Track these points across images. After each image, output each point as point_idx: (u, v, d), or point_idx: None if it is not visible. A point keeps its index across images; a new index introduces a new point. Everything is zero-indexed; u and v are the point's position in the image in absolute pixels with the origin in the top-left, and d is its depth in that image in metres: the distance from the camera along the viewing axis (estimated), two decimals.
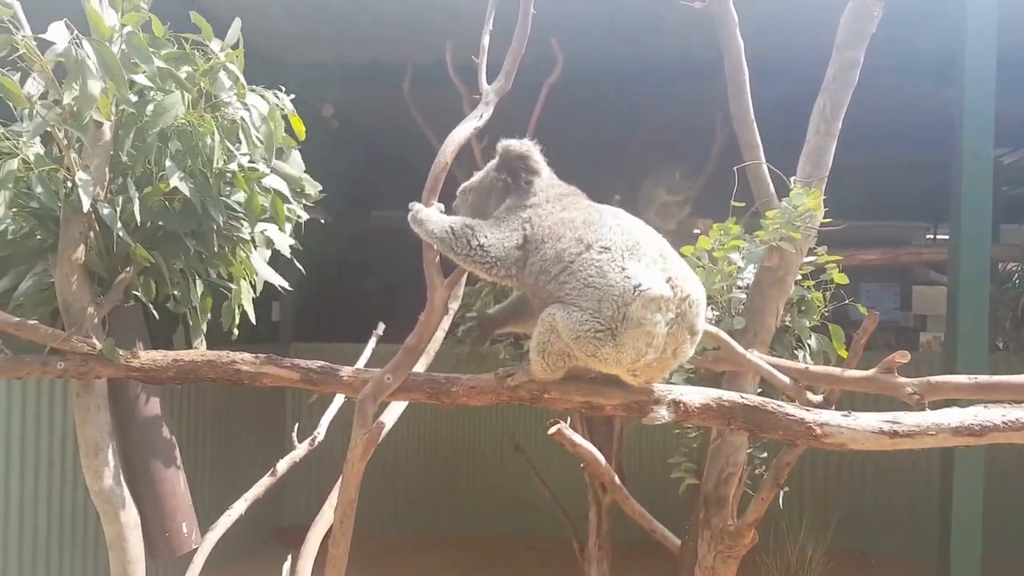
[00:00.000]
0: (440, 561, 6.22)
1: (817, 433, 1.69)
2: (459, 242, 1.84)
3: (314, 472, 4.69)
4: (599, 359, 1.71)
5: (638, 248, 1.76)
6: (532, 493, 5.19)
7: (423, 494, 6.55)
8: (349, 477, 1.87)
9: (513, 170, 1.94)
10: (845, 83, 2.52)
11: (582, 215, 1.83)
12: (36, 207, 2.07)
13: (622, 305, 1.68)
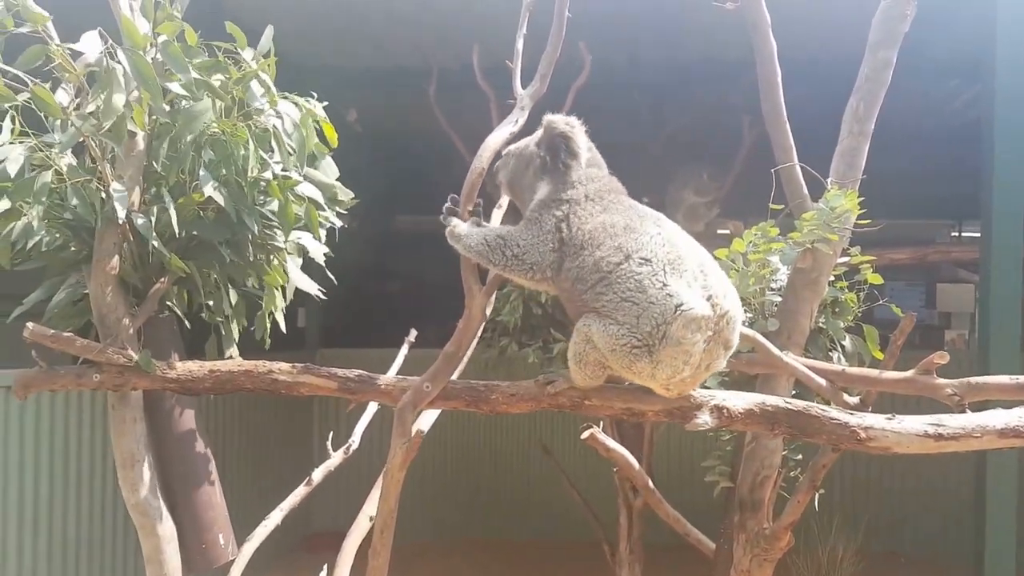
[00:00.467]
0: (468, 565, 6.21)
1: (862, 437, 1.66)
2: (495, 254, 1.81)
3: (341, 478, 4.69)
4: (633, 372, 1.69)
5: (680, 262, 1.73)
6: (560, 496, 5.17)
7: (450, 497, 6.54)
8: (389, 486, 1.86)
9: (553, 148, 1.90)
10: (878, 83, 2.49)
11: (623, 219, 1.79)
12: (70, 219, 2.07)
13: (662, 323, 1.65)
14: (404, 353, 2.88)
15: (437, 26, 3.96)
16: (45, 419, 3.92)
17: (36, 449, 3.87)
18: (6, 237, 1.95)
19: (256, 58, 2.04)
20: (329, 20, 3.94)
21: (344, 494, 4.73)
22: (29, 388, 2.01)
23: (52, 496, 3.98)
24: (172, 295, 2.11)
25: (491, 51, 4.08)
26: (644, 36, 3.91)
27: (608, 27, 3.63)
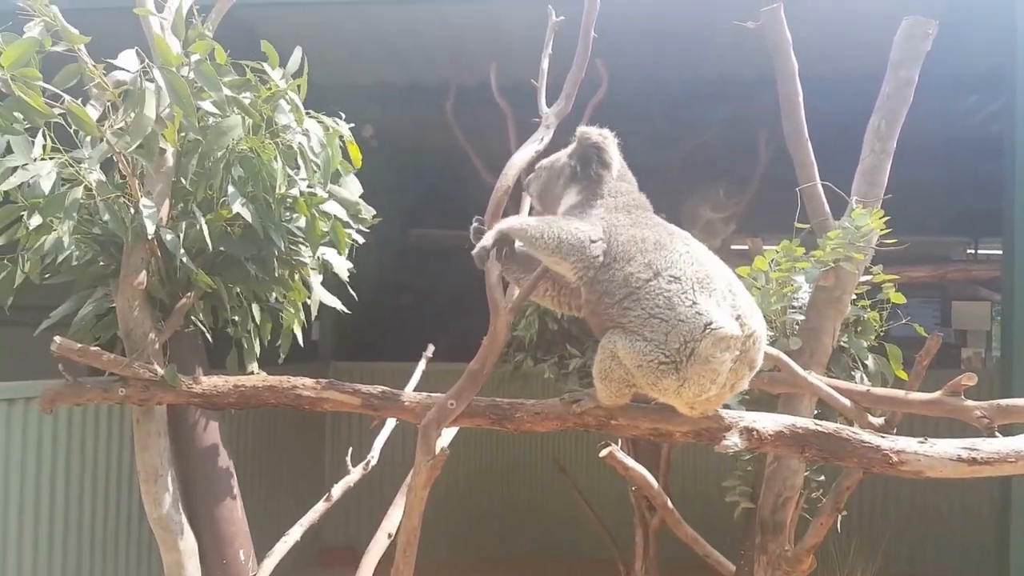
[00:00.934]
0: None
1: (893, 460, 1.65)
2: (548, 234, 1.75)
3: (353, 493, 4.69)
4: (659, 390, 1.68)
5: (709, 281, 1.72)
6: (574, 514, 5.14)
7: (464, 515, 6.51)
8: (412, 504, 1.85)
9: (586, 158, 1.89)
10: (900, 101, 2.49)
11: (653, 235, 1.78)
12: (99, 233, 2.09)
13: (690, 341, 1.64)
14: (422, 368, 2.88)
15: (455, 43, 3.99)
16: (65, 430, 3.94)
17: (61, 461, 3.88)
18: (37, 251, 1.97)
19: (285, 77, 2.06)
20: (348, 37, 3.98)
21: (356, 509, 4.73)
22: (55, 401, 2.02)
23: (74, 508, 3.99)
24: (198, 310, 2.12)
25: (508, 68, 4.11)
26: (660, 53, 3.92)
27: (625, 44, 3.65)
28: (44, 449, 3.80)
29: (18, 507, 3.63)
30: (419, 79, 4.51)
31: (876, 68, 2.56)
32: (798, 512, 2.78)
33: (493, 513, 6.59)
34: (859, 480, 2.71)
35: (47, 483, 3.83)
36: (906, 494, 6.34)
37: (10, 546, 3.59)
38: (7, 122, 1.70)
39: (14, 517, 3.62)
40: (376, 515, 3.72)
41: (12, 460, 3.59)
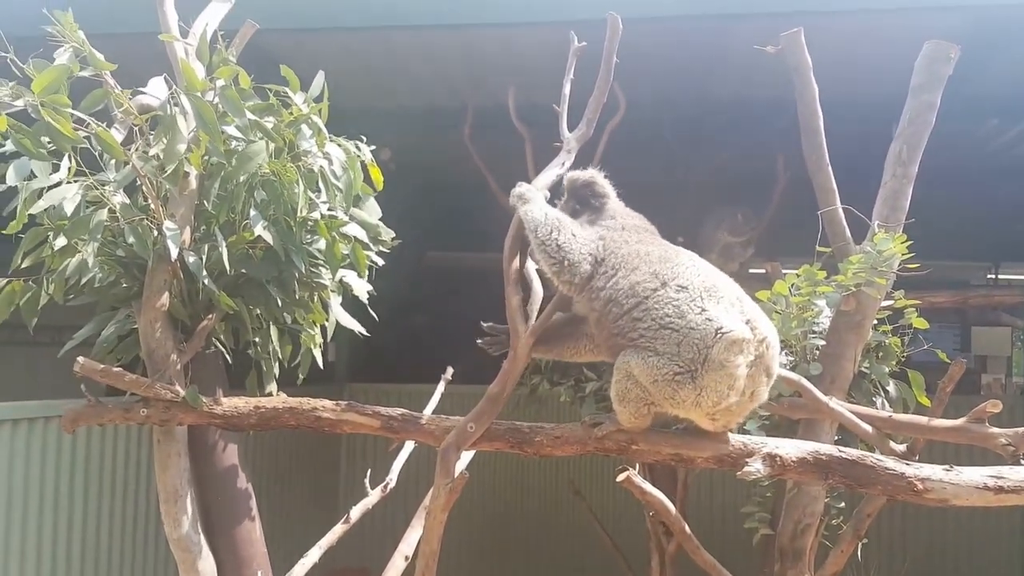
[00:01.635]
0: None
1: (919, 488, 1.62)
2: (544, 229, 1.80)
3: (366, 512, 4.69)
4: (677, 402, 1.67)
5: (716, 290, 1.73)
6: (589, 538, 5.09)
7: (476, 538, 6.47)
8: (431, 528, 1.84)
9: (582, 198, 1.95)
10: (922, 126, 2.49)
11: (658, 250, 1.82)
12: (122, 255, 2.11)
13: (703, 348, 1.64)
14: (441, 391, 2.88)
15: (473, 67, 4.03)
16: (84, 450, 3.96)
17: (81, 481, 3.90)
18: (61, 273, 1.99)
19: (307, 102, 2.09)
20: (367, 62, 4.02)
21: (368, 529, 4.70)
22: (77, 421, 2.04)
23: (93, 528, 4.00)
24: (219, 331, 2.13)
25: (526, 92, 4.14)
26: (677, 77, 3.94)
27: (642, 69, 3.67)
28: (63, 468, 3.81)
29: (37, 526, 3.64)
30: (437, 103, 4.54)
31: (897, 91, 2.56)
32: (818, 539, 2.75)
33: (507, 536, 6.55)
34: (880, 508, 2.69)
35: (66, 502, 3.84)
36: (924, 523, 6.25)
37: (29, 564, 3.60)
38: (35, 147, 1.72)
39: (32, 535, 3.62)
40: (388, 536, 3.70)
41: (32, 479, 3.61)
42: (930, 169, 2.52)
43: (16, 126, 1.70)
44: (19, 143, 1.71)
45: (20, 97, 1.68)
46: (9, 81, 1.71)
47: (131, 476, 4.29)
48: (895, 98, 2.61)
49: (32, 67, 1.72)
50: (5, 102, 1.68)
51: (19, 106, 1.70)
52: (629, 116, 3.73)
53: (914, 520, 6.23)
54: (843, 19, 3.26)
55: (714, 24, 3.43)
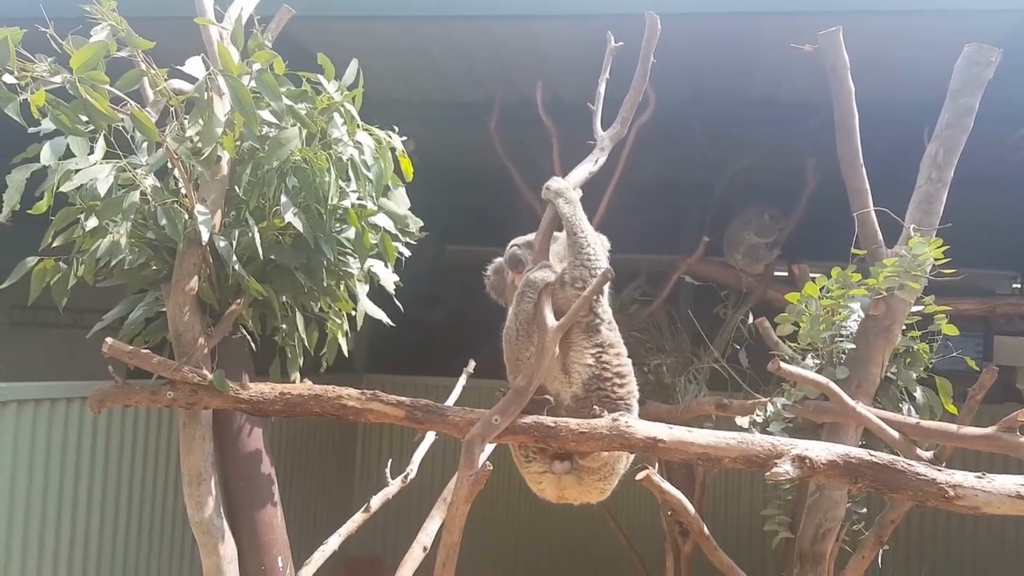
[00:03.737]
0: None
1: (950, 495, 1.60)
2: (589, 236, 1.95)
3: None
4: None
5: None
6: (604, 537, 5.08)
7: (489, 535, 6.48)
8: (453, 519, 1.84)
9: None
10: (959, 130, 2.45)
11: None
12: (152, 238, 2.12)
13: None
14: (463, 383, 2.87)
15: (500, 61, 4.01)
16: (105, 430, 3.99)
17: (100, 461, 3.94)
18: (92, 254, 2.00)
19: (340, 90, 2.08)
20: (394, 53, 4.01)
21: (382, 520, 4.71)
22: (104, 402, 2.05)
23: (111, 507, 4.03)
24: (247, 317, 2.13)
25: (552, 86, 4.11)
26: (708, 74, 3.90)
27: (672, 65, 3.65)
28: (85, 449, 3.85)
29: (59, 505, 3.68)
30: (463, 96, 4.53)
31: (931, 95, 2.53)
32: (838, 544, 2.72)
33: (521, 534, 6.54)
34: (903, 514, 2.66)
35: (87, 482, 3.88)
36: (942, 532, 6.18)
37: (48, 543, 3.64)
38: (72, 123, 1.73)
39: (55, 514, 3.66)
40: (401, 526, 3.71)
41: (54, 459, 3.65)
42: (959, 174, 2.48)
43: (54, 102, 1.71)
44: (57, 119, 1.72)
45: (58, 74, 1.69)
46: (48, 58, 1.72)
47: (155, 458, 4.33)
48: (929, 101, 2.57)
49: (70, 43, 1.72)
50: (44, 78, 1.68)
51: (57, 82, 1.70)
52: (658, 113, 3.70)
53: (932, 529, 6.17)
54: (880, 19, 3.21)
55: (746, 22, 3.39)
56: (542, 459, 2.01)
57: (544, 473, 2.00)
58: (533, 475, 2.02)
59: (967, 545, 6.16)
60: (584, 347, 1.94)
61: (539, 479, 2.01)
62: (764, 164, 4.62)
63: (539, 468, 2.00)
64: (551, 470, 1.99)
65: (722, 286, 4.59)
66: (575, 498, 2.05)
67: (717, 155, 4.64)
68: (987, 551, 6.13)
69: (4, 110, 1.68)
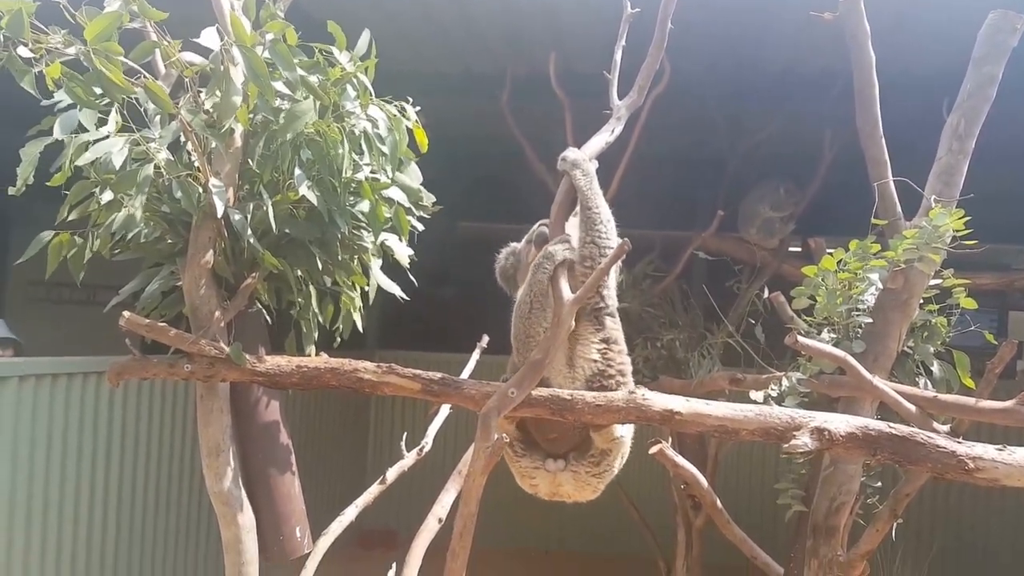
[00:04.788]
0: (518, 575, 6.19)
1: (970, 467, 1.59)
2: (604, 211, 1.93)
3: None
4: None
5: None
6: (616, 510, 5.10)
7: (505, 506, 6.53)
8: (469, 491, 1.85)
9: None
10: (982, 99, 2.41)
11: None
12: (167, 211, 2.12)
13: None
14: (476, 358, 2.88)
15: (511, 29, 3.96)
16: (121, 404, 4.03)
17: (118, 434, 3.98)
18: (107, 227, 2.00)
19: (353, 60, 2.06)
20: (402, 23, 3.97)
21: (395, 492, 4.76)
22: (122, 375, 2.06)
23: (128, 479, 4.08)
24: (262, 291, 2.13)
25: (565, 59, 4.07)
26: (724, 44, 3.85)
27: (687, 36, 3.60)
28: (101, 423, 3.89)
29: (75, 478, 3.72)
30: (475, 68, 4.49)
31: (956, 63, 2.48)
32: (852, 518, 2.72)
33: (534, 506, 6.58)
34: (919, 488, 2.65)
35: (104, 456, 3.93)
36: (954, 507, 6.19)
37: (67, 516, 3.69)
38: (86, 95, 1.72)
39: (72, 487, 3.71)
40: (414, 499, 3.73)
41: (71, 432, 3.69)
42: (977, 145, 2.44)
43: (69, 74, 1.70)
44: (71, 91, 1.71)
45: (72, 45, 1.67)
46: (62, 30, 1.71)
47: (172, 432, 4.37)
48: (951, 71, 2.52)
49: (84, 14, 1.71)
50: (58, 50, 1.67)
51: (71, 54, 1.69)
52: (672, 85, 3.66)
53: (944, 503, 6.17)
54: None
55: None
56: (533, 455, 2.00)
57: (537, 469, 1.99)
58: (525, 471, 2.01)
59: (979, 519, 6.17)
60: (591, 341, 1.93)
61: (532, 475, 2.00)
62: (780, 137, 4.57)
63: (531, 464, 1.99)
64: (545, 468, 1.98)
65: (736, 261, 4.57)
66: (569, 496, 2.04)
67: (732, 128, 4.59)
68: (999, 526, 6.14)
69: (20, 83, 1.68)
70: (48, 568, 3.56)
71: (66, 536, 3.68)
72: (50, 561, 3.58)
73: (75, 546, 3.74)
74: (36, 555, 3.49)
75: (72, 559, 3.71)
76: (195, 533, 4.64)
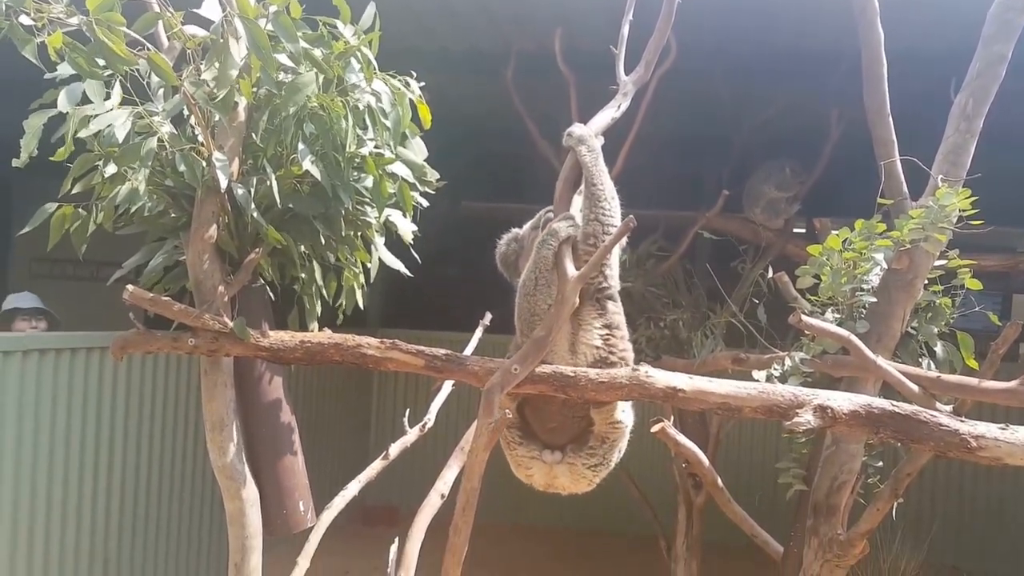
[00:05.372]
0: (518, 551, 6.24)
1: (972, 446, 1.59)
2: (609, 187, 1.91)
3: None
4: None
5: None
6: (616, 489, 5.12)
7: (504, 482, 6.56)
8: (472, 466, 1.85)
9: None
10: (990, 79, 2.40)
11: None
12: (170, 185, 2.11)
13: None
14: (478, 336, 2.88)
15: (518, 8, 3.92)
16: (124, 379, 4.04)
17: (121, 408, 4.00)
18: (111, 200, 2.00)
19: (357, 34, 2.05)
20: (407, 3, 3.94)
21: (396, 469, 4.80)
22: (126, 348, 2.06)
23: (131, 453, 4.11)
24: (266, 266, 2.13)
25: (570, 36, 4.04)
26: (731, 20, 3.81)
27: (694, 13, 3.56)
28: (105, 398, 3.90)
29: (79, 451, 3.75)
30: (480, 44, 4.45)
31: (965, 42, 2.46)
32: (853, 497, 2.74)
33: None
34: (920, 468, 2.66)
35: (108, 430, 3.95)
36: (955, 486, 6.22)
37: (72, 489, 3.71)
38: (89, 66, 1.71)
39: (77, 461, 3.73)
40: (415, 477, 3.75)
41: (75, 407, 3.70)
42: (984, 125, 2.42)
43: (71, 44, 1.69)
44: (74, 62, 1.70)
45: (74, 15, 1.66)
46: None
47: (177, 406, 4.39)
48: (960, 50, 2.50)
49: None
50: (60, 20, 1.66)
51: (74, 24, 1.68)
52: (678, 64, 3.63)
53: (944, 484, 6.19)
54: None
55: None
56: (530, 445, 1.99)
57: (533, 459, 1.98)
58: (521, 460, 2.00)
59: (979, 501, 6.20)
60: (593, 327, 1.92)
61: (528, 464, 1.99)
62: (786, 116, 4.53)
63: (527, 453, 1.98)
64: (541, 459, 1.97)
65: (740, 241, 4.56)
66: (564, 488, 2.04)
67: (738, 107, 4.56)
68: (998, 507, 6.17)
69: (22, 52, 1.66)
70: (53, 538, 3.60)
71: (70, 509, 3.71)
72: (55, 532, 3.61)
73: (79, 518, 3.77)
74: (41, 527, 3.52)
75: (76, 530, 3.74)
76: (199, 507, 4.68)
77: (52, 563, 3.59)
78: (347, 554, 5.46)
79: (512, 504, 6.54)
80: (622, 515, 5.89)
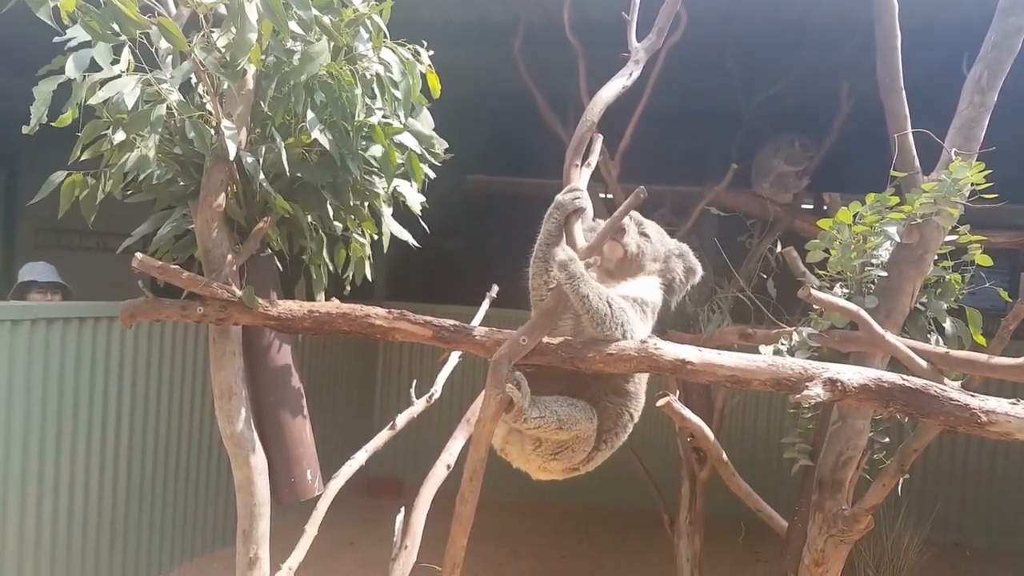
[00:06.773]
0: (521, 527, 6.29)
1: (982, 420, 1.59)
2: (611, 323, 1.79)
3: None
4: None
5: None
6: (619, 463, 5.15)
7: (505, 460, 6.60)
8: (479, 436, 1.86)
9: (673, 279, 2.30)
10: (1006, 51, 2.36)
11: None
12: (179, 153, 2.10)
13: None
14: (485, 308, 2.88)
15: None
16: (132, 348, 4.06)
17: (129, 377, 4.02)
18: (120, 168, 1.99)
19: (368, 2, 2.02)
20: None
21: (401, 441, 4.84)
22: (135, 317, 2.07)
23: (141, 423, 4.14)
24: (274, 236, 2.13)
25: (581, 5, 3.99)
26: None
27: None
28: (112, 366, 3.92)
29: (87, 419, 3.77)
30: (487, 14, 4.40)
31: (980, 13, 2.42)
32: (858, 472, 2.74)
33: None
34: (927, 443, 2.67)
35: (115, 398, 3.97)
36: (959, 463, 6.24)
37: (79, 457, 3.75)
38: (102, 30, 1.70)
39: (83, 428, 3.76)
40: (420, 449, 3.77)
41: (83, 375, 3.73)
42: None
43: (84, 7, 1.68)
44: (87, 25, 1.69)
45: None
46: None
47: (185, 374, 4.42)
48: (973, 23, 2.46)
49: None
50: None
51: None
52: (687, 36, 3.59)
53: (949, 460, 6.21)
54: None
55: None
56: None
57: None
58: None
59: (982, 478, 6.22)
60: None
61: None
62: (796, 89, 4.48)
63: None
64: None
65: (748, 216, 4.53)
66: (513, 460, 2.11)
67: (747, 80, 4.51)
68: (1001, 485, 6.19)
69: (36, 14, 1.66)
70: (61, 505, 3.63)
71: (78, 476, 3.74)
72: (63, 499, 3.65)
73: (87, 486, 3.81)
74: (49, 495, 3.56)
75: (84, 498, 3.78)
76: (207, 474, 4.72)
77: (60, 529, 3.63)
78: (352, 525, 5.51)
79: (515, 481, 6.59)
80: (625, 489, 5.93)
